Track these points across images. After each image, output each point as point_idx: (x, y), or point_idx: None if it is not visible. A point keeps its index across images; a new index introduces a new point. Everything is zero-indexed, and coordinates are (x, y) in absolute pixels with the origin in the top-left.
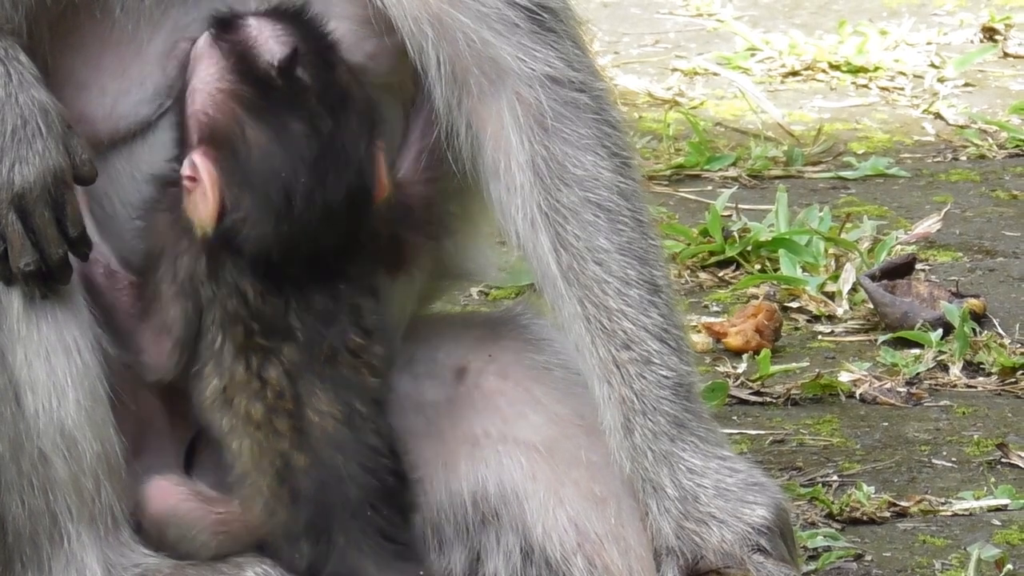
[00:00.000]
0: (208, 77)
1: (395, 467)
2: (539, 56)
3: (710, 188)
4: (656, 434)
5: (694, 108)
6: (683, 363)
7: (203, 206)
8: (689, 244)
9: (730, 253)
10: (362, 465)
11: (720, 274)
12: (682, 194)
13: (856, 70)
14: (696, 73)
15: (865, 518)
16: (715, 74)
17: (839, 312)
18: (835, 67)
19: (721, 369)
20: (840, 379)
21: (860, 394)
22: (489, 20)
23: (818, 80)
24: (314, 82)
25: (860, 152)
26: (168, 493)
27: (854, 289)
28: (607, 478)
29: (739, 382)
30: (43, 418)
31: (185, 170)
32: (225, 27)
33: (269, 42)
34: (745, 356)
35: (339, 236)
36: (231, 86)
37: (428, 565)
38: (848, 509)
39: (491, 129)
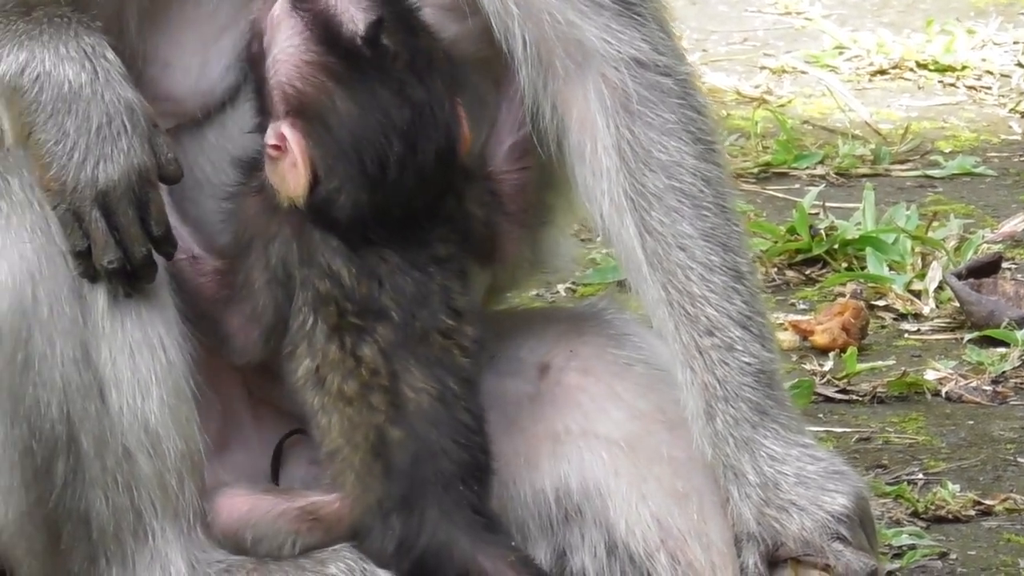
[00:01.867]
0: (291, 47)
1: (484, 444)
2: (624, 38)
3: (797, 186)
4: (738, 420)
5: (782, 106)
6: (765, 350)
7: (292, 177)
8: (776, 242)
9: (817, 251)
10: (455, 440)
11: (807, 272)
12: (769, 192)
13: (943, 69)
14: (784, 71)
15: (950, 516)
16: (803, 72)
17: (925, 310)
18: (922, 66)
19: (807, 367)
20: (926, 377)
21: (946, 392)
22: (574, 1)
23: (905, 79)
24: (400, 48)
25: (947, 151)
26: (238, 502)
27: (940, 288)
28: (689, 474)
29: (825, 380)
30: (127, 415)
31: (270, 139)
32: None
33: (351, 9)
34: (831, 354)
35: (430, 198)
36: (318, 57)
37: (516, 539)
38: (933, 507)
39: (576, 112)
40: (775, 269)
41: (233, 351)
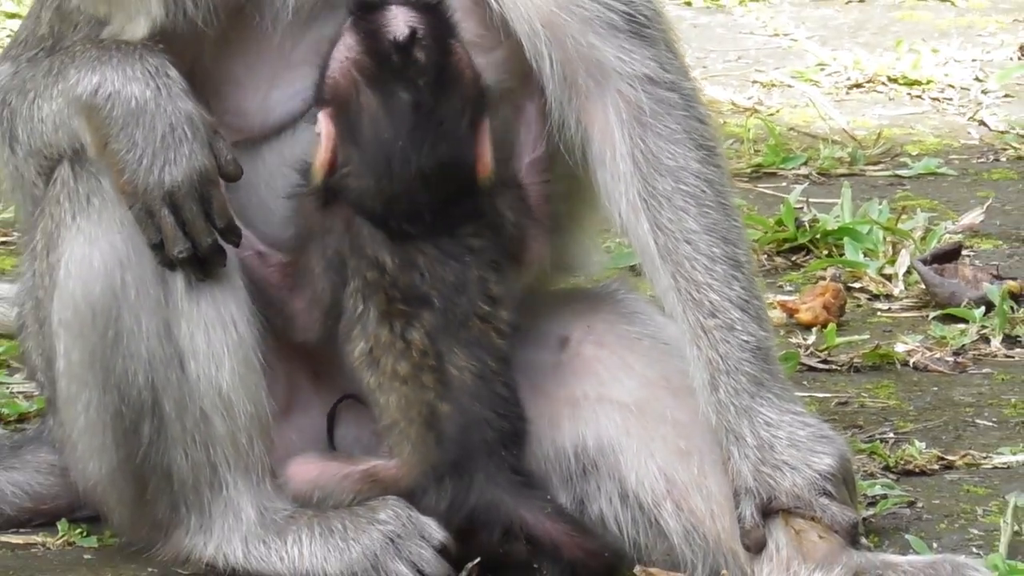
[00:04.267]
0: (344, 48)
1: (520, 413)
2: (637, 58)
3: (784, 184)
4: (738, 391)
5: (771, 115)
6: (762, 329)
7: (318, 157)
8: (766, 232)
9: (801, 240)
10: (495, 411)
11: (793, 258)
12: (760, 189)
13: (911, 83)
14: (773, 85)
15: (917, 470)
16: (789, 86)
17: (895, 292)
18: (893, 80)
19: (793, 340)
20: (896, 350)
21: (913, 363)
22: (593, 24)
23: (878, 91)
24: (427, 62)
25: (914, 154)
26: (308, 467)
27: (908, 272)
28: (691, 434)
29: (808, 352)
30: (203, 382)
31: (316, 125)
32: (367, 10)
33: (399, 24)
34: (814, 329)
35: (437, 200)
36: (356, 56)
37: (553, 494)
38: (902, 462)
39: (598, 125)
40: (765, 256)
41: (297, 330)
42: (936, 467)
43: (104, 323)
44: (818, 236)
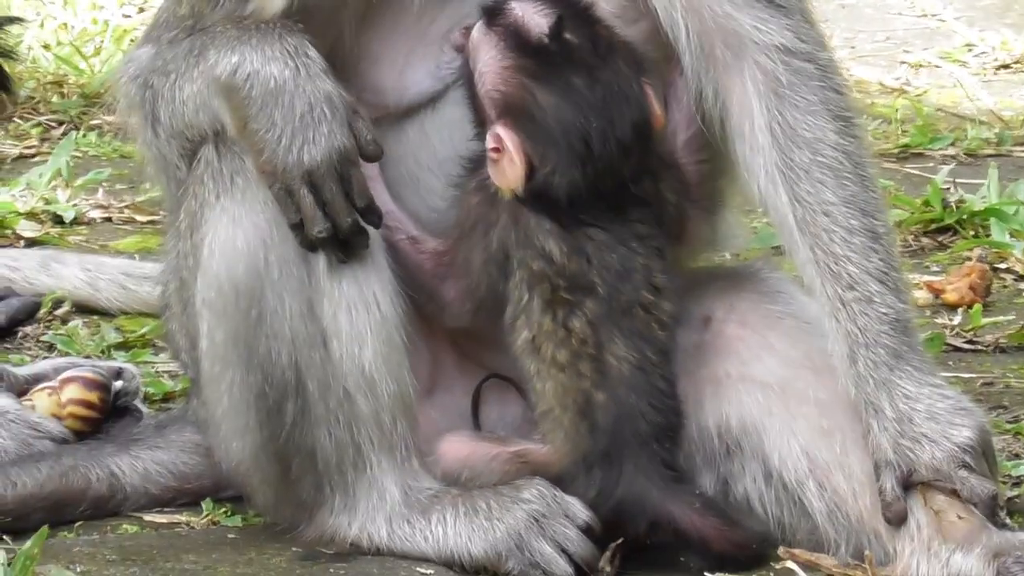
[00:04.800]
0: (491, 60)
1: (677, 407)
2: (774, 28)
3: (931, 165)
4: (877, 364)
5: (919, 96)
6: (900, 301)
7: (511, 170)
8: (913, 213)
9: (948, 221)
10: (651, 404)
11: (939, 239)
12: (907, 170)
13: None
14: (921, 66)
15: None
16: (937, 66)
17: None
18: None
19: (939, 321)
20: None
21: None
22: None
23: None
24: (581, 39)
25: None
26: (459, 446)
27: None
28: (832, 413)
29: (954, 332)
30: (347, 362)
31: (489, 143)
32: (494, 15)
33: (535, 17)
34: (960, 310)
35: (635, 167)
36: (513, 62)
37: (702, 488)
38: None
39: (736, 96)
40: (912, 236)
41: (447, 317)
42: None
43: (248, 303)
44: (964, 217)
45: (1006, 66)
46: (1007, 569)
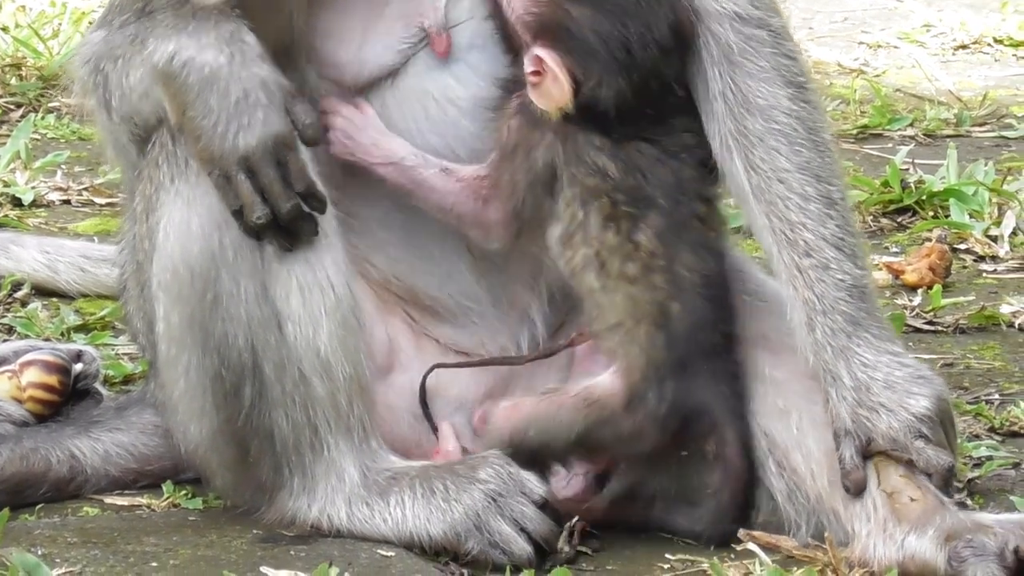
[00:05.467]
0: None
1: (735, 318)
2: None
3: (890, 145)
4: (834, 331)
5: (877, 76)
6: (857, 268)
7: (556, 90)
8: (872, 193)
9: (907, 202)
10: (721, 313)
11: (899, 220)
12: (866, 151)
13: (1017, 44)
14: (879, 46)
15: (1022, 431)
16: (895, 47)
17: (1001, 253)
18: (999, 41)
19: (899, 302)
20: (1001, 311)
21: (1019, 324)
22: None
23: (984, 53)
24: None
25: (1020, 115)
26: (515, 409)
27: (1014, 233)
28: (788, 393)
29: (914, 313)
30: (302, 344)
31: (528, 67)
32: None
33: None
34: (920, 291)
35: (676, 69)
36: None
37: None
38: (1007, 424)
39: (693, 65)
40: (871, 217)
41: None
42: None
43: (203, 285)
44: (924, 197)
45: (964, 46)
46: (957, 554)
